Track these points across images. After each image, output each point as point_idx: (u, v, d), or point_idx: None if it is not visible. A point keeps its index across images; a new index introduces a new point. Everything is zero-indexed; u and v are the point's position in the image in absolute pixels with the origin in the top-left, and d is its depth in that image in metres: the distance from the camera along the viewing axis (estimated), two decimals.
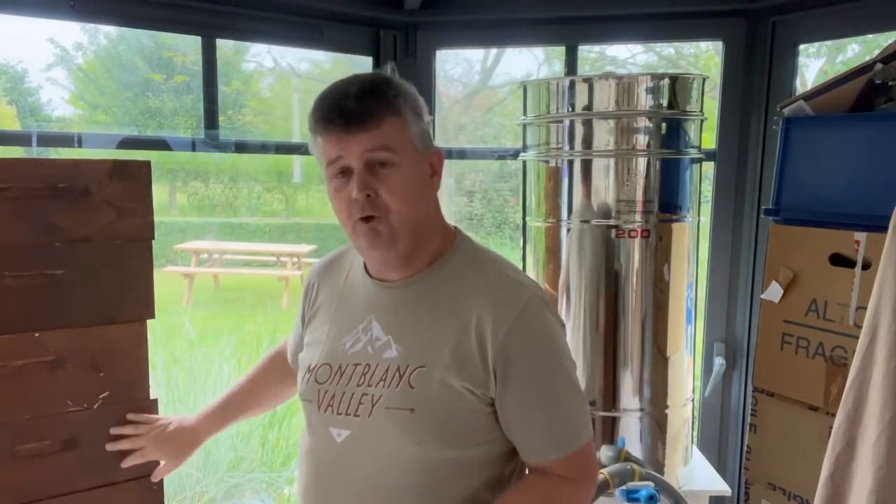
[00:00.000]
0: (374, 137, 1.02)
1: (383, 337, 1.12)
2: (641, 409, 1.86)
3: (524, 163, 1.96)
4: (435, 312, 1.10)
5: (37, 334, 1.26)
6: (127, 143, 2.03)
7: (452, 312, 1.09)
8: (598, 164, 1.79)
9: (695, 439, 2.14)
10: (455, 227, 1.19)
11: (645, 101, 1.76)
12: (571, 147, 1.81)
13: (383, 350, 1.11)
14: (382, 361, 1.10)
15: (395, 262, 1.11)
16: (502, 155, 2.55)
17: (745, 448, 1.78)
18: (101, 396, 1.32)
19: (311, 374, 1.17)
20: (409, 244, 1.08)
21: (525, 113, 1.92)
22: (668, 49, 5.03)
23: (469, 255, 1.15)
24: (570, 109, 1.80)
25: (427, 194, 1.11)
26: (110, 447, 1.31)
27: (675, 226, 1.83)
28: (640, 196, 1.78)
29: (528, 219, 1.98)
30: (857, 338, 1.31)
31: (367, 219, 1.04)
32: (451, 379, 1.06)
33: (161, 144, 2.17)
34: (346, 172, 1.05)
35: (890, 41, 1.51)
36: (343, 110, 1.02)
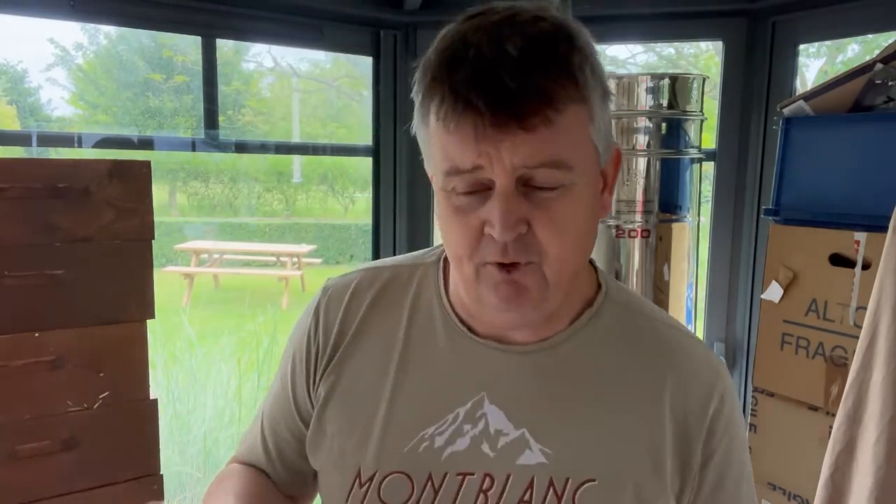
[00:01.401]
0: (543, 143, 0.60)
1: (512, 430, 0.70)
2: None
3: None
4: (598, 390, 0.72)
5: (37, 334, 1.26)
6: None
7: (628, 390, 0.72)
8: None
9: None
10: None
11: (645, 101, 1.76)
12: None
13: (515, 452, 0.70)
14: (517, 471, 0.69)
15: (534, 324, 0.72)
16: None
17: None
18: (101, 396, 1.32)
19: (368, 489, 0.71)
20: (561, 300, 0.69)
21: None
22: (668, 49, 5.03)
23: (621, 300, 0.78)
24: None
25: (596, 226, 0.71)
26: None
27: (675, 226, 1.83)
28: (640, 196, 1.78)
29: None
30: (857, 338, 1.31)
31: (508, 266, 0.65)
32: (644, 492, 0.69)
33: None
34: (479, 188, 0.63)
35: (890, 41, 1.51)
36: (497, 89, 0.58)
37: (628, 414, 0.71)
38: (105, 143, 1.94)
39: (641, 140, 1.77)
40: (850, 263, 1.48)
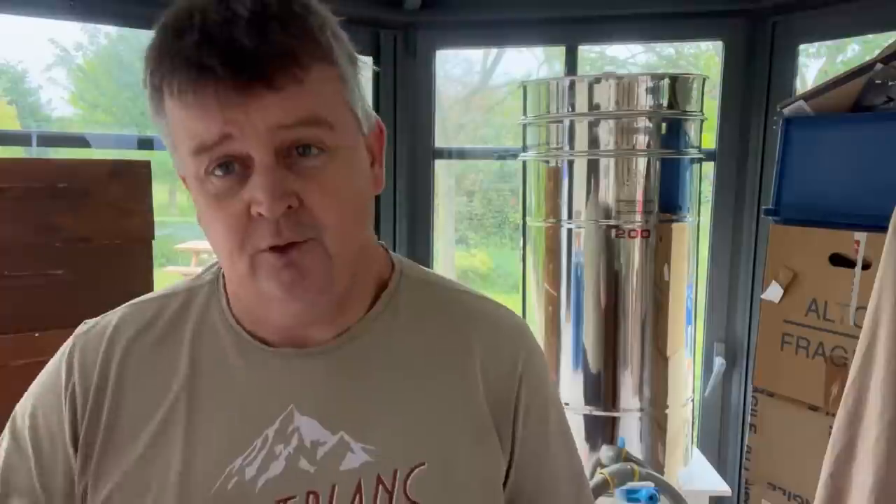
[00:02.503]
0: (293, 100, 0.56)
1: (329, 437, 0.65)
2: (641, 409, 1.86)
3: (524, 163, 1.96)
4: (409, 373, 0.69)
5: (37, 334, 1.26)
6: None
7: (438, 366, 0.70)
8: (598, 165, 1.79)
9: (695, 439, 2.14)
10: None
11: (645, 101, 1.76)
12: (571, 147, 1.81)
13: (336, 458, 0.64)
14: (342, 478, 0.64)
15: (325, 314, 0.66)
16: (502, 155, 2.55)
17: (745, 448, 1.77)
18: None
19: None
20: (347, 281, 0.63)
21: (525, 113, 1.92)
22: (668, 49, 5.03)
23: (417, 276, 0.75)
24: (570, 109, 1.80)
25: (370, 198, 0.67)
26: None
27: (675, 226, 1.83)
28: (640, 196, 1.78)
29: (528, 219, 1.98)
30: (857, 338, 1.30)
31: (283, 249, 0.59)
32: (477, 467, 0.68)
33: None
34: (232, 164, 0.58)
35: (890, 41, 1.51)
36: (231, 49, 0.54)
37: (443, 389, 0.68)
38: (105, 143, 1.95)
39: (641, 140, 1.77)
40: (850, 263, 1.48)
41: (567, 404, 1.84)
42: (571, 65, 2.26)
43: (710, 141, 2.18)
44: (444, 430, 0.67)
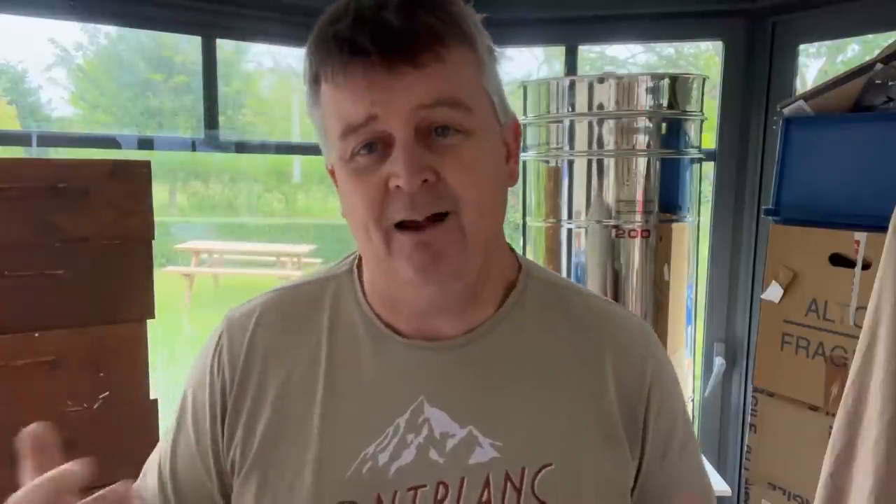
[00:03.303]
0: (435, 80, 0.58)
1: (458, 430, 0.66)
2: None
3: (524, 163, 1.96)
4: (538, 371, 0.69)
5: (37, 334, 1.26)
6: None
7: (568, 365, 0.70)
8: (598, 165, 1.79)
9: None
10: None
11: (645, 101, 1.76)
12: (571, 147, 1.81)
13: (465, 452, 0.65)
14: (471, 472, 0.65)
15: (457, 303, 0.67)
16: None
17: (745, 448, 1.77)
18: (101, 396, 1.32)
19: None
20: (479, 266, 0.65)
21: (525, 113, 1.92)
22: (668, 49, 5.03)
23: (544, 277, 0.76)
24: (570, 109, 1.80)
25: (505, 188, 0.68)
26: None
27: (675, 226, 1.83)
28: (640, 196, 1.78)
29: (528, 219, 1.98)
30: (857, 338, 1.31)
31: (417, 229, 0.60)
32: (606, 470, 0.68)
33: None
34: (375, 144, 0.60)
35: (890, 41, 1.51)
36: (382, 28, 0.57)
37: (573, 389, 0.69)
38: (105, 143, 1.95)
39: (641, 140, 1.77)
40: (850, 263, 1.48)
41: None
42: (571, 65, 2.26)
43: (710, 141, 2.18)
44: (572, 431, 0.67)
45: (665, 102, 1.77)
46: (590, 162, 1.79)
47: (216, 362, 0.71)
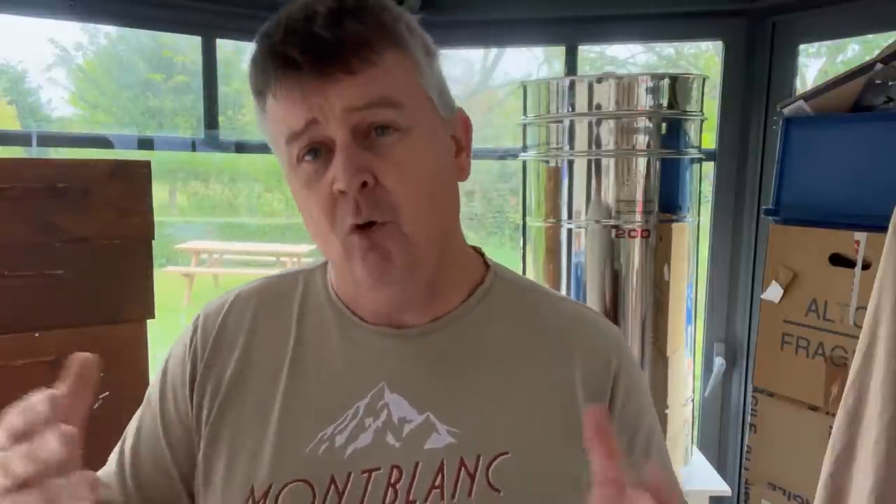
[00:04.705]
0: (367, 83, 0.60)
1: (416, 416, 0.67)
2: None
3: (524, 163, 1.96)
4: (500, 363, 0.70)
5: (37, 334, 1.26)
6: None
7: (533, 361, 0.71)
8: (598, 165, 1.79)
9: (695, 439, 2.14)
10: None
11: (645, 101, 1.76)
12: (571, 147, 1.81)
13: (421, 437, 0.67)
14: (426, 457, 0.66)
15: (417, 301, 0.70)
16: (502, 155, 2.55)
17: (745, 448, 1.77)
18: (101, 396, 1.32)
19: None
20: (434, 266, 0.67)
21: (525, 113, 1.92)
22: (668, 49, 5.03)
23: (511, 279, 0.78)
24: (570, 109, 1.80)
25: (452, 183, 0.69)
26: None
27: (675, 226, 1.83)
28: (640, 196, 1.78)
29: (528, 219, 1.98)
30: (857, 338, 1.31)
31: (364, 228, 0.62)
32: (564, 463, 0.67)
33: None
34: (319, 150, 0.62)
35: (890, 41, 1.51)
36: (310, 40, 0.59)
37: (535, 381, 0.70)
38: (104, 143, 1.95)
39: (641, 140, 1.77)
40: (850, 263, 1.48)
41: None
42: (571, 65, 2.26)
43: (710, 141, 2.18)
44: (531, 422, 0.68)
45: (665, 102, 1.77)
46: (590, 162, 1.79)
47: (190, 340, 0.74)
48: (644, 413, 0.75)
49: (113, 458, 0.78)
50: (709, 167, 2.19)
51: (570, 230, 1.85)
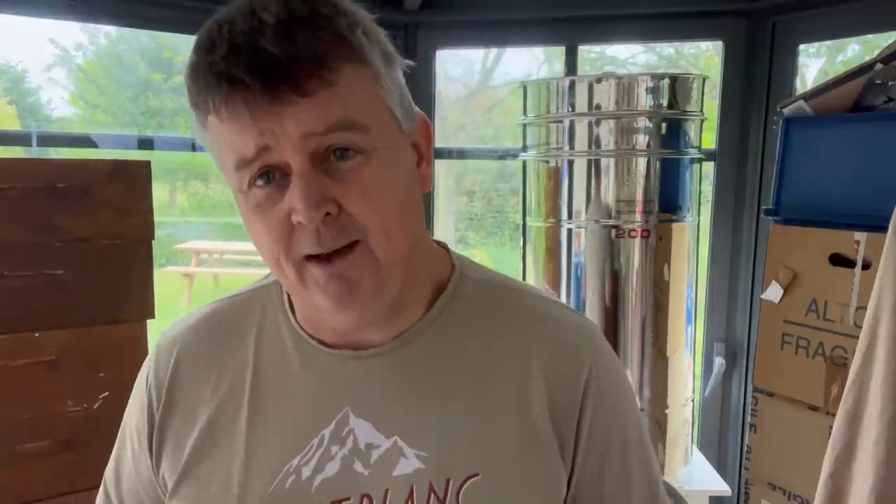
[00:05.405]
0: (325, 105, 0.55)
1: (383, 441, 0.64)
2: (641, 409, 1.86)
3: (524, 163, 1.96)
4: (466, 379, 0.67)
5: (37, 334, 1.26)
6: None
7: (496, 371, 0.67)
8: (598, 165, 1.79)
9: (695, 439, 2.14)
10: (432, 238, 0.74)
11: (645, 101, 1.76)
12: (571, 147, 1.81)
13: (390, 463, 0.64)
14: (395, 483, 0.63)
15: (380, 317, 0.65)
16: (502, 155, 2.55)
17: (745, 448, 1.77)
18: (101, 396, 1.32)
19: None
20: (400, 285, 0.63)
21: (525, 113, 1.92)
22: (668, 49, 5.03)
23: (479, 277, 0.73)
24: (570, 109, 1.80)
25: (417, 197, 0.65)
26: None
27: (675, 226, 1.83)
28: (640, 196, 1.78)
29: (528, 219, 1.98)
30: (857, 338, 1.30)
31: (327, 260, 0.58)
32: (534, 481, 0.65)
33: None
34: (273, 175, 0.57)
35: (890, 41, 1.51)
36: (258, 58, 0.53)
37: (500, 397, 0.66)
38: (104, 142, 1.95)
39: (641, 140, 1.77)
40: (850, 263, 1.48)
41: None
42: (571, 65, 2.26)
43: (710, 141, 2.18)
44: (499, 439, 0.65)
45: (665, 102, 1.77)
46: (590, 162, 1.79)
47: (146, 385, 0.71)
48: (619, 425, 0.71)
49: (100, 497, 0.78)
50: (709, 167, 2.20)
51: (570, 230, 1.85)
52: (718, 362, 2.26)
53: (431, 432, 0.65)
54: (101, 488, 0.78)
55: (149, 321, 1.38)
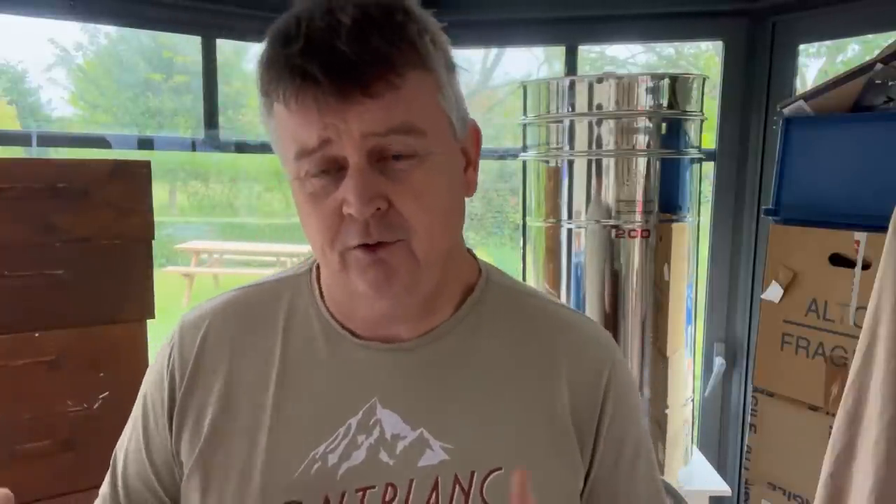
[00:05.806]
0: (389, 108, 0.58)
1: (409, 432, 0.66)
2: None
3: (524, 163, 1.96)
4: (492, 376, 0.69)
5: (37, 334, 1.26)
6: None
7: (523, 372, 0.70)
8: (598, 165, 1.79)
9: (695, 439, 2.14)
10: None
11: (645, 101, 1.76)
12: (571, 147, 1.81)
13: (415, 454, 0.66)
14: (420, 474, 0.65)
15: (411, 314, 0.68)
16: (502, 155, 2.55)
17: (745, 448, 1.77)
18: (101, 396, 1.32)
19: None
20: (435, 283, 0.66)
21: (525, 113, 1.92)
22: (668, 49, 5.03)
23: (505, 284, 0.76)
24: (570, 109, 1.80)
25: (461, 202, 0.68)
26: None
27: (675, 226, 1.83)
28: (640, 196, 1.78)
29: (528, 219, 1.98)
30: (857, 338, 1.31)
31: (372, 247, 0.61)
32: (555, 476, 0.68)
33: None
34: (331, 167, 0.60)
35: (890, 41, 1.51)
36: (333, 56, 0.56)
37: (525, 395, 0.69)
38: (104, 143, 1.95)
39: (641, 140, 1.77)
40: (850, 263, 1.48)
41: None
42: (571, 65, 2.26)
43: (710, 141, 2.18)
44: (523, 436, 0.68)
45: (665, 102, 1.77)
46: (590, 162, 1.79)
47: (168, 361, 0.71)
48: (632, 427, 0.75)
49: (107, 477, 0.77)
50: (709, 167, 2.20)
51: (570, 230, 1.85)
52: (718, 362, 2.26)
53: (457, 426, 0.67)
54: (107, 474, 0.78)
55: (149, 321, 1.39)
